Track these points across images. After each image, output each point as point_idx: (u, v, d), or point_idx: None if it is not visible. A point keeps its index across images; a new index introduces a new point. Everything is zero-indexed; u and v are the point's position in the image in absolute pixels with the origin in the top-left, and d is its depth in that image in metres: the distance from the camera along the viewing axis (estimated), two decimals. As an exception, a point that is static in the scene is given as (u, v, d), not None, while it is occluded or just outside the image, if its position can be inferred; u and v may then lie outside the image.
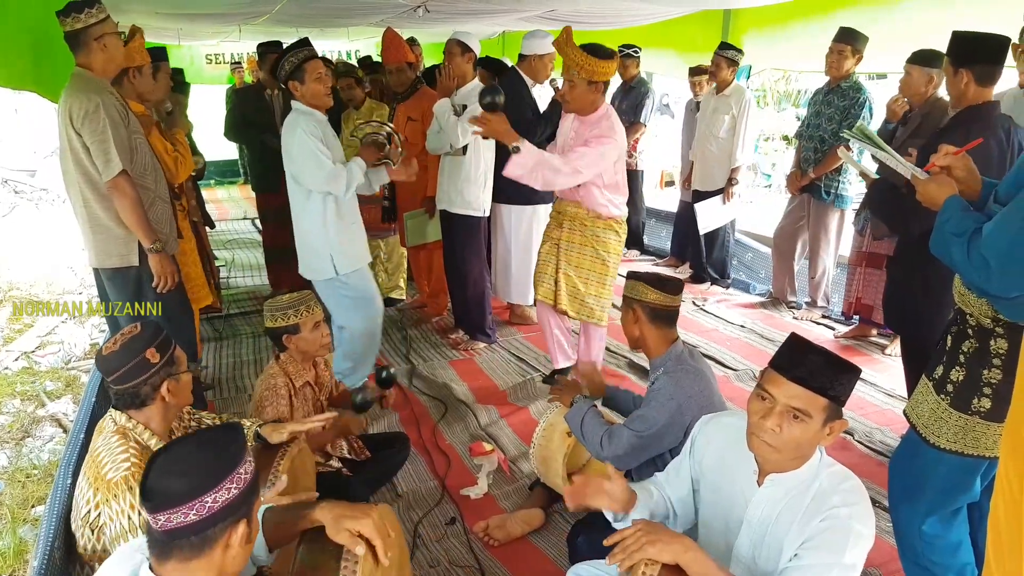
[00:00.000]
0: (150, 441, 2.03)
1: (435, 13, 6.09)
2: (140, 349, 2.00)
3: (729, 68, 5.68)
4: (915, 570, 2.33)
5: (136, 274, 3.26)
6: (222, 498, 1.38)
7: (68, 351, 5.15)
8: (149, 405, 2.04)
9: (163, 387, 2.03)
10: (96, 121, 3.00)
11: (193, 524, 1.36)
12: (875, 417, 3.89)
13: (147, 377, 2.00)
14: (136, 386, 2.00)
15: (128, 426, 2.02)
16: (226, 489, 1.39)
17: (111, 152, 3.02)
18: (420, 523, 3.02)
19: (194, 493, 1.36)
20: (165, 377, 2.03)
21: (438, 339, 5.07)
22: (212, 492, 1.37)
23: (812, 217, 5.16)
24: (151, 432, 2.04)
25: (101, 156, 3.03)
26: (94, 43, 3.07)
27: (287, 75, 3.49)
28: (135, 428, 2.03)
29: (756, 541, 1.72)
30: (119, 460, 1.92)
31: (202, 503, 1.36)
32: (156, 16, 6.47)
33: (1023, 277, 1.52)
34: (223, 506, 1.38)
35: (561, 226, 3.89)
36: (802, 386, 1.60)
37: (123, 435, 2.00)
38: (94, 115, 3.00)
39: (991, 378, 1.97)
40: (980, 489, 2.16)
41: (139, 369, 1.99)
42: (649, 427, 2.50)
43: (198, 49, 11.37)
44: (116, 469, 1.90)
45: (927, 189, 2.01)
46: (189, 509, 1.35)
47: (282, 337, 2.87)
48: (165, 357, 2.04)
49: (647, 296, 2.59)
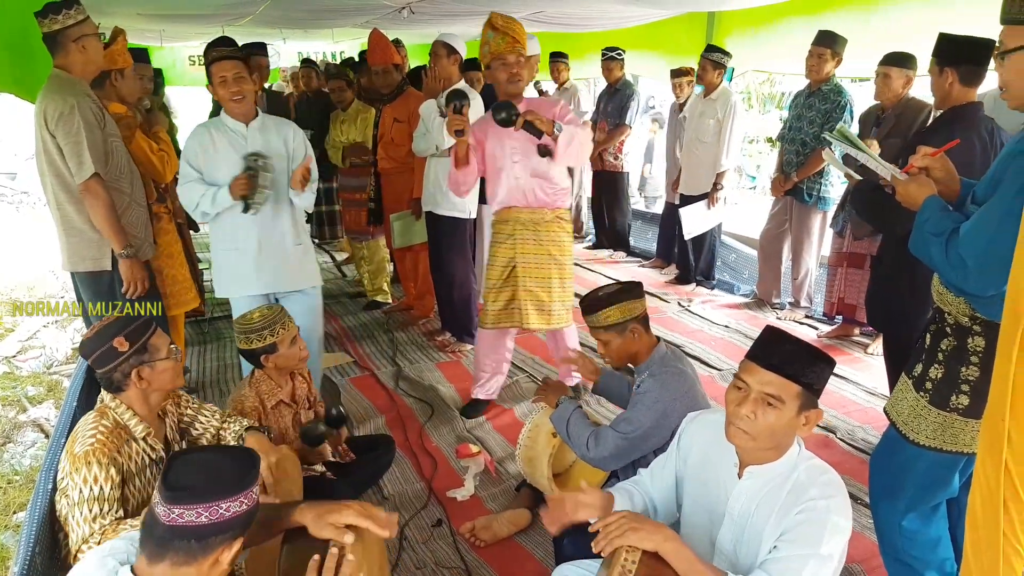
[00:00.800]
0: (130, 421, 2.12)
1: (420, 15, 6.10)
2: (109, 337, 2.09)
3: (715, 71, 5.69)
4: (896, 566, 2.35)
5: (109, 278, 3.24)
6: (234, 509, 1.42)
7: (50, 355, 5.11)
8: (125, 390, 2.12)
9: (133, 374, 2.09)
10: (70, 123, 2.98)
11: (202, 527, 1.39)
12: (857, 415, 3.92)
13: (116, 364, 2.08)
14: (107, 372, 2.09)
15: (111, 405, 2.12)
16: (239, 502, 1.43)
17: (84, 155, 3.00)
18: (407, 525, 3.02)
19: (214, 495, 1.40)
20: (136, 365, 2.10)
21: (425, 341, 5.07)
22: (228, 500, 1.41)
23: (795, 219, 5.20)
24: (132, 412, 2.12)
25: (74, 158, 3.01)
26: (72, 44, 3.04)
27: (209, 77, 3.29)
28: (117, 408, 2.12)
29: (737, 534, 1.75)
30: (87, 436, 2.02)
31: (216, 507, 1.40)
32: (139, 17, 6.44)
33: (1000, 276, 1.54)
34: (232, 517, 1.42)
35: (512, 238, 3.64)
36: (775, 373, 1.62)
37: (101, 413, 2.11)
38: (68, 117, 2.97)
39: (969, 375, 1.99)
40: (959, 485, 2.19)
41: (107, 356, 2.08)
42: (635, 429, 2.51)
43: (181, 51, 11.32)
44: (83, 444, 2.00)
45: (906, 190, 2.03)
46: (204, 510, 1.39)
47: (260, 357, 2.81)
48: (136, 346, 2.10)
49: (637, 311, 2.59)
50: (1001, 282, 1.49)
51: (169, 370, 2.18)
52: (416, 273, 5.41)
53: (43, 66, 3.24)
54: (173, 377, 2.20)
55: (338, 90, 5.45)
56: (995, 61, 1.84)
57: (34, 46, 3.16)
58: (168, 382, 2.19)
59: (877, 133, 4.18)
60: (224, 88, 3.19)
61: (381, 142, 5.08)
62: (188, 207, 3.31)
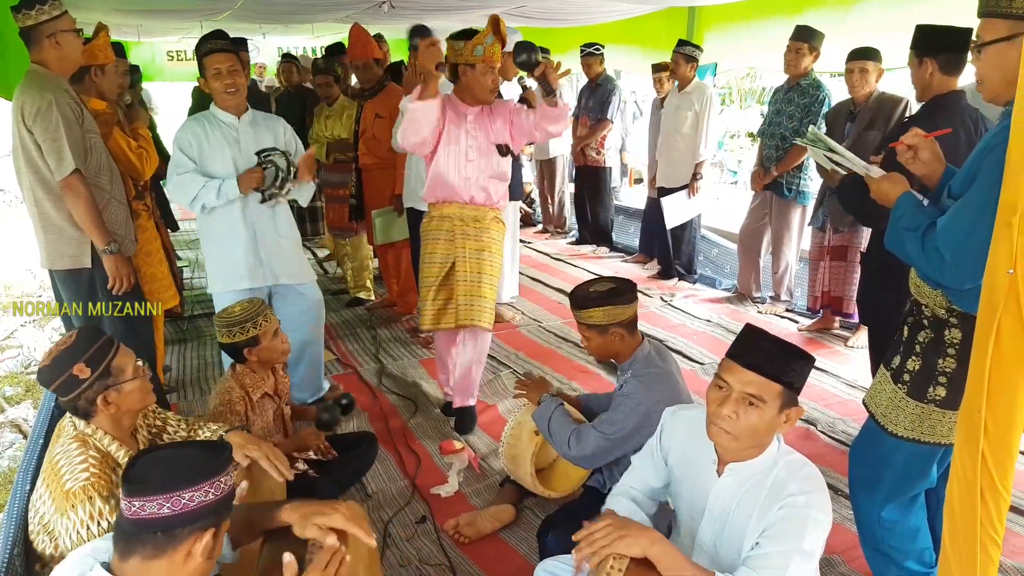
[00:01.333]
0: (111, 447, 1.98)
1: (400, 9, 6.08)
2: (68, 364, 1.91)
3: (688, 65, 5.73)
4: (875, 556, 2.38)
5: (89, 276, 3.20)
6: (199, 499, 1.39)
7: (28, 355, 5.06)
8: (93, 416, 1.97)
9: (99, 400, 1.94)
10: (48, 119, 2.94)
11: (165, 518, 1.36)
12: (838, 408, 3.95)
13: (79, 392, 1.92)
14: (71, 400, 1.94)
15: (88, 432, 1.97)
16: (204, 491, 1.40)
17: (64, 151, 2.96)
18: (390, 522, 3.01)
19: (174, 485, 1.37)
20: (100, 391, 1.94)
21: (408, 338, 5.06)
22: (191, 490, 1.38)
23: (775, 213, 5.23)
24: (112, 438, 1.99)
25: (53, 155, 2.96)
26: (46, 40, 3.00)
27: (200, 69, 3.34)
28: (94, 434, 1.97)
29: (717, 531, 1.75)
30: (78, 470, 1.86)
31: (179, 497, 1.37)
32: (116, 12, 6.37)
33: (976, 269, 1.56)
34: (197, 507, 1.39)
35: (452, 233, 3.51)
36: (756, 372, 1.63)
37: (82, 442, 1.94)
38: (46, 113, 2.93)
39: (946, 367, 2.01)
40: (937, 476, 2.21)
41: (69, 385, 1.92)
42: (617, 431, 2.51)
43: (159, 46, 11.21)
44: (75, 479, 1.84)
45: (880, 187, 2.05)
46: (165, 500, 1.36)
47: (242, 351, 2.79)
48: (98, 370, 1.94)
49: (623, 316, 2.55)
50: (977, 275, 1.51)
51: (137, 390, 2.02)
52: (398, 270, 5.39)
53: (18, 62, 3.20)
54: (142, 397, 2.05)
55: (325, 85, 5.42)
56: (972, 54, 1.86)
57: (9, 42, 3.11)
58: (137, 402, 2.04)
59: (853, 128, 4.22)
60: (218, 80, 3.25)
61: (363, 138, 5.06)
62: (183, 199, 3.33)
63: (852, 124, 4.28)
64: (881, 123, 4.14)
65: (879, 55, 4.21)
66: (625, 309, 2.54)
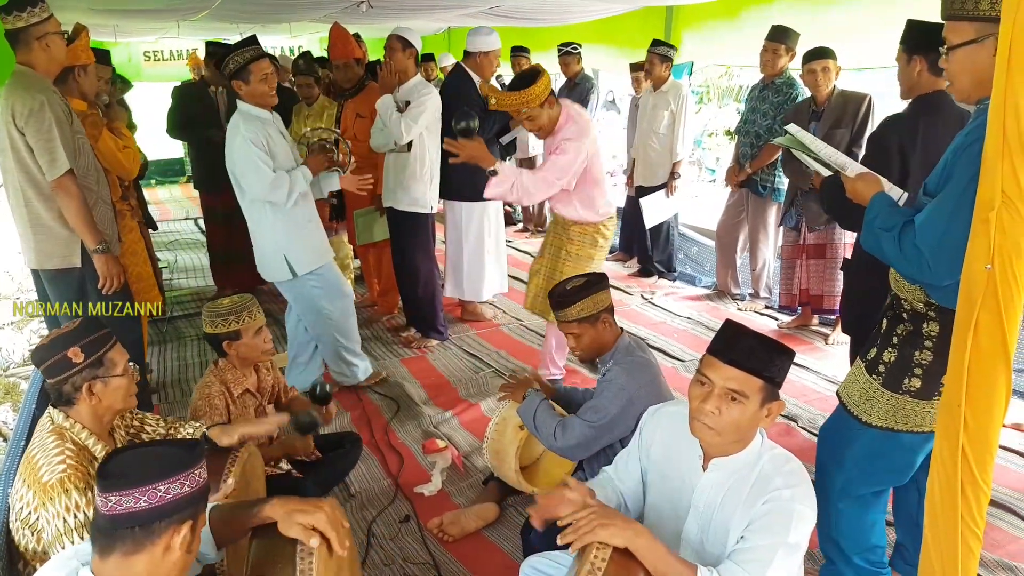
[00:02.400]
0: (87, 441, 1.99)
1: (379, 9, 6.05)
2: (64, 346, 1.97)
3: (663, 64, 5.75)
4: (826, 542, 2.42)
5: (79, 275, 3.20)
6: (174, 491, 1.39)
7: (6, 358, 5.00)
8: (75, 404, 2.00)
9: (84, 388, 1.98)
10: (41, 120, 2.94)
11: (141, 512, 1.36)
12: (818, 404, 4.00)
13: (68, 376, 1.97)
14: (58, 383, 1.98)
15: (65, 425, 1.99)
16: (179, 483, 1.40)
17: (57, 151, 2.97)
18: (374, 522, 3.01)
19: (149, 478, 1.38)
20: (88, 379, 1.98)
21: (390, 338, 5.05)
22: (165, 482, 1.39)
23: (751, 211, 5.28)
24: (89, 432, 2.01)
25: (46, 155, 2.97)
26: (36, 42, 3.01)
27: (232, 74, 3.44)
28: (72, 428, 1.99)
29: (703, 525, 1.77)
30: (55, 462, 1.88)
31: (154, 490, 1.37)
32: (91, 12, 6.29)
33: (955, 265, 1.58)
34: (173, 499, 1.39)
35: (550, 233, 4.00)
36: (738, 368, 1.65)
37: (59, 435, 1.97)
38: (39, 114, 2.94)
39: (922, 359, 2.04)
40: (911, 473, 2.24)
41: (60, 367, 1.96)
42: (602, 417, 2.54)
43: (136, 47, 11.10)
44: (52, 472, 1.86)
45: (854, 187, 2.08)
46: (141, 494, 1.36)
47: (222, 343, 2.79)
48: (91, 358, 1.99)
49: (606, 302, 2.64)
50: (956, 271, 1.53)
51: (122, 388, 2.06)
52: (380, 270, 5.38)
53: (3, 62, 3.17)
54: (125, 396, 2.08)
55: (306, 86, 5.39)
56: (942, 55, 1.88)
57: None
58: (119, 401, 2.07)
59: (819, 127, 4.27)
60: (266, 83, 3.49)
61: (343, 137, 5.04)
62: (281, 196, 3.53)
63: (816, 123, 4.33)
64: (848, 120, 4.20)
65: (834, 53, 4.29)
66: (606, 295, 2.65)
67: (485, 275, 5.11)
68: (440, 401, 4.09)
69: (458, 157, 3.49)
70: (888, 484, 2.33)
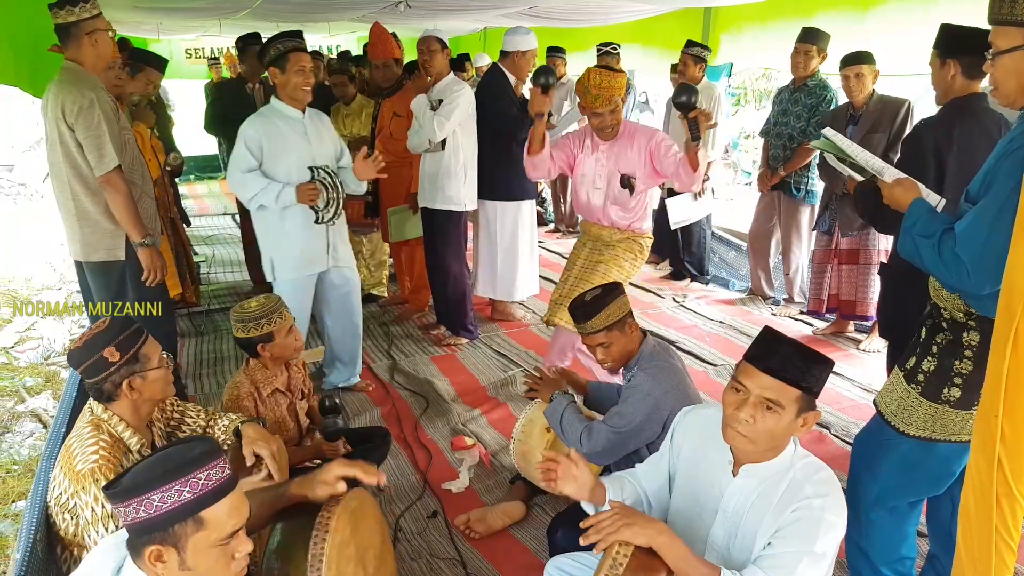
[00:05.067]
0: (124, 434, 2.03)
1: (416, 9, 6.09)
2: (99, 347, 1.99)
3: (696, 65, 5.70)
4: (855, 551, 2.38)
5: (121, 268, 3.27)
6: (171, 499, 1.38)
7: (48, 347, 5.11)
8: (116, 400, 2.04)
9: (124, 385, 2.01)
10: (91, 116, 3.01)
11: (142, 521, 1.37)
12: (851, 412, 3.94)
13: (107, 375, 2.00)
14: (98, 382, 2.01)
15: (103, 418, 2.04)
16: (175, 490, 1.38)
17: (106, 147, 3.04)
18: (402, 516, 3.04)
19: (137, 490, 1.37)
20: (127, 375, 2.01)
21: (420, 335, 5.08)
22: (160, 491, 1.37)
23: (783, 214, 5.24)
24: (126, 424, 2.05)
25: (95, 151, 3.04)
26: (85, 38, 3.07)
27: (270, 60, 3.48)
28: (110, 420, 2.03)
29: (730, 531, 1.76)
30: (88, 452, 1.93)
31: (149, 500, 1.37)
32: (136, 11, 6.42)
33: (995, 274, 1.56)
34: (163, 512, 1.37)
35: (586, 248, 3.85)
36: (775, 377, 1.62)
37: (96, 427, 2.01)
38: (89, 111, 3.01)
39: (962, 369, 2.01)
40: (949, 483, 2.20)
41: (98, 367, 1.99)
42: (628, 423, 2.53)
43: (177, 44, 11.29)
44: (85, 461, 1.91)
45: (892, 193, 2.05)
46: (138, 505, 1.37)
47: (256, 346, 2.81)
48: (127, 356, 2.02)
49: (627, 307, 2.62)
50: (997, 280, 1.50)
51: (161, 379, 2.11)
52: (412, 268, 5.42)
53: (47, 59, 3.25)
54: (164, 387, 2.13)
55: (340, 85, 5.45)
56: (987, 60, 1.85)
57: (39, 39, 3.17)
58: (159, 392, 2.12)
59: (856, 131, 4.22)
60: (302, 76, 3.46)
61: (379, 136, 5.08)
62: (244, 194, 3.53)
63: (854, 127, 4.29)
64: (886, 125, 4.15)
65: (872, 57, 4.25)
66: (625, 299, 2.63)
67: (518, 275, 5.12)
68: (468, 399, 4.11)
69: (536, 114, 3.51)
70: (924, 494, 2.29)
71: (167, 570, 1.40)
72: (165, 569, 1.40)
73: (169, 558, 1.39)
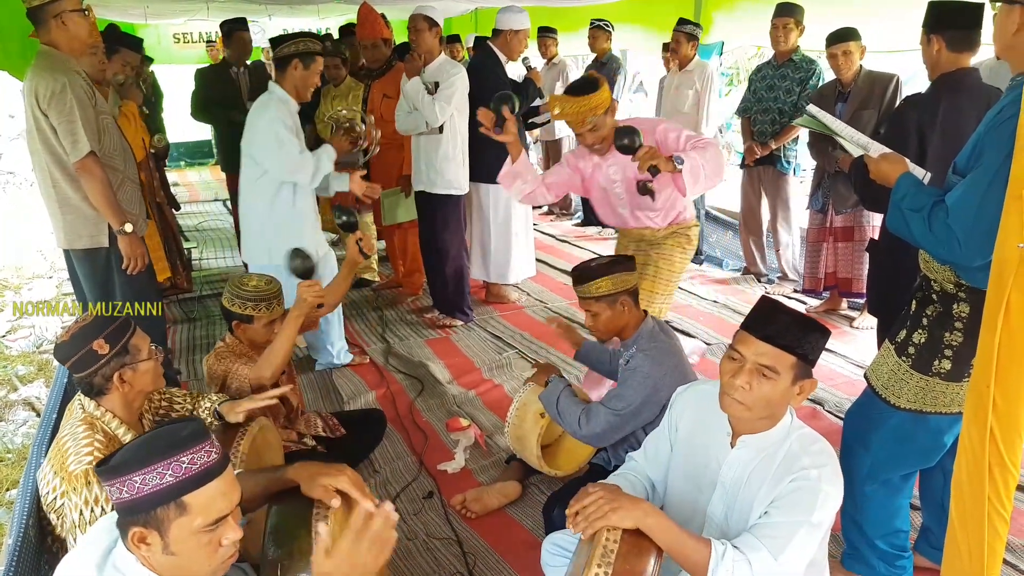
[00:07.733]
0: (118, 430, 2.00)
1: (407, -11, 6.03)
2: (88, 340, 1.96)
3: (689, 43, 5.69)
4: (849, 524, 2.40)
5: (106, 255, 3.24)
6: (152, 481, 1.34)
7: (40, 335, 5.09)
8: (107, 394, 2.01)
9: (115, 378, 1.99)
10: (63, 102, 2.96)
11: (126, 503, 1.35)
12: (845, 388, 3.96)
13: (97, 368, 1.97)
14: (88, 376, 1.98)
15: (96, 414, 2.00)
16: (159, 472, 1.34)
17: (78, 133, 2.98)
18: (398, 497, 3.04)
19: (124, 468, 1.34)
20: (117, 367, 1.99)
21: (414, 318, 5.08)
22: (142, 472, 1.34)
23: (771, 188, 5.28)
24: (119, 421, 2.02)
25: (68, 137, 2.99)
26: (53, 21, 3.00)
27: (299, 53, 3.52)
28: (103, 416, 2.00)
29: (729, 503, 1.76)
30: (82, 452, 1.89)
31: (132, 480, 1.34)
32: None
33: (987, 245, 1.55)
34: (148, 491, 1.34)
35: (626, 249, 3.52)
36: (770, 344, 1.63)
37: (90, 424, 1.97)
38: (60, 96, 2.95)
39: (952, 340, 2.01)
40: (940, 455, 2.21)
41: (87, 360, 1.96)
42: (627, 405, 2.53)
43: (165, 29, 11.17)
44: (79, 462, 1.87)
45: (879, 167, 2.05)
46: (121, 484, 1.34)
47: (232, 322, 2.83)
48: (116, 347, 1.99)
49: (628, 283, 2.61)
50: (988, 251, 1.50)
51: (151, 371, 2.08)
52: (405, 251, 5.40)
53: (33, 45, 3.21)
54: (155, 378, 2.10)
55: (333, 67, 5.41)
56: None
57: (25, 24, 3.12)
58: (150, 383, 2.09)
59: (846, 108, 4.22)
60: (316, 78, 3.66)
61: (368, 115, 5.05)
62: (307, 174, 3.60)
63: (843, 104, 4.28)
64: (875, 101, 4.14)
65: (858, 34, 4.23)
66: (630, 276, 2.61)
67: (512, 258, 5.11)
68: (464, 381, 4.11)
69: (501, 133, 3.25)
70: (916, 467, 2.30)
71: (151, 553, 1.37)
72: (149, 552, 1.37)
73: (152, 541, 1.35)
